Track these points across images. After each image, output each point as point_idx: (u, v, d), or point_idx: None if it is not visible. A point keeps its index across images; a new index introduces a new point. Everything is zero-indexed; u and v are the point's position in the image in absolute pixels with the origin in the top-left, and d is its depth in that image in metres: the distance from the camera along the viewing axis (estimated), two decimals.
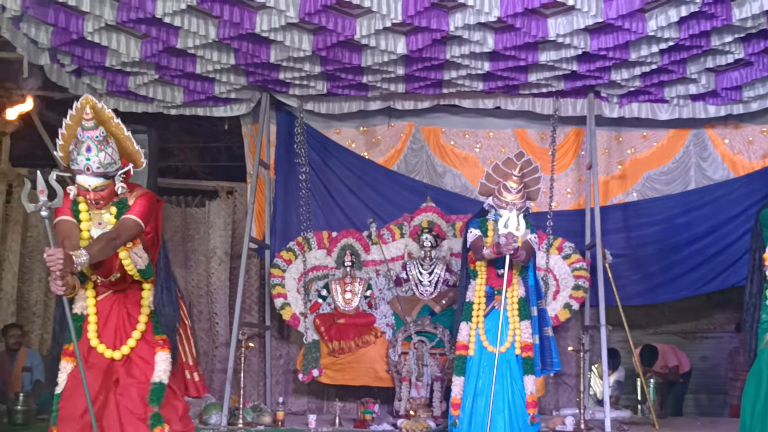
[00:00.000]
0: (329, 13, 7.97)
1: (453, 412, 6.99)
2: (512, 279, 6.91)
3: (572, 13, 7.95)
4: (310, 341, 9.58)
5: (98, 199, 4.87)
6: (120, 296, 5.10)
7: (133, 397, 4.96)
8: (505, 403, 6.64)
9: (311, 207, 10.29)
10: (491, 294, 6.97)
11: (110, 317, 5.05)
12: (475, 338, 6.91)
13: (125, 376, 4.99)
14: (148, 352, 5.06)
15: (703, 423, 9.61)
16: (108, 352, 4.96)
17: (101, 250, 4.60)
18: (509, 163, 6.91)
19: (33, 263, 11.03)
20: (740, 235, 10.04)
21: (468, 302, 7.06)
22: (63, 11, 8.13)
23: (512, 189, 6.81)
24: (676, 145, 10.36)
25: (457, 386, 7.02)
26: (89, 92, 9.70)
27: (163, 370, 5.05)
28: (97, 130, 4.83)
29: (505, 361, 6.76)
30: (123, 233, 4.78)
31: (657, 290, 10.24)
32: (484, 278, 6.99)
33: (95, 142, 4.81)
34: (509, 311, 6.87)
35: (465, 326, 7.00)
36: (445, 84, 9.63)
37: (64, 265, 4.35)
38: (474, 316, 6.97)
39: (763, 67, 9.04)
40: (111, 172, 4.88)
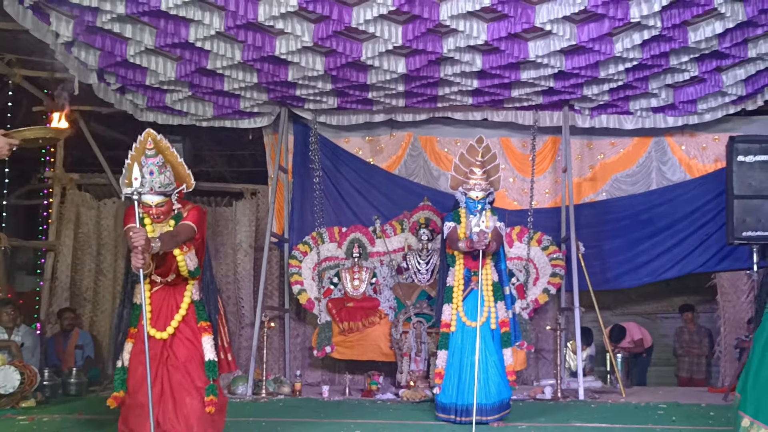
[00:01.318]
0: (339, 38, 7.97)
1: (436, 381, 6.98)
2: (486, 263, 6.90)
3: (549, 37, 7.94)
4: (324, 322, 9.58)
5: (159, 214, 5.10)
6: (170, 289, 5.25)
7: (189, 371, 5.13)
8: (481, 371, 6.62)
9: (324, 206, 10.27)
10: (468, 276, 6.94)
11: (162, 306, 5.20)
12: (456, 316, 6.90)
13: (174, 354, 5.15)
14: (192, 335, 5.20)
15: (664, 391, 9.58)
16: (158, 334, 5.10)
17: (167, 242, 4.83)
18: (472, 150, 6.98)
19: (84, 255, 11.00)
20: (696, 228, 10.03)
21: (449, 287, 7.03)
22: (109, 37, 8.13)
23: (477, 173, 6.85)
24: (639, 151, 10.33)
25: (441, 359, 7.00)
26: (131, 108, 9.71)
27: (210, 350, 5.22)
28: (157, 157, 5.12)
29: (481, 335, 6.74)
30: (182, 232, 5.03)
31: (623, 277, 10.22)
32: (461, 263, 6.96)
33: (156, 167, 5.08)
34: (485, 291, 6.86)
35: (447, 307, 6.98)
36: (439, 99, 9.61)
37: (146, 243, 4.58)
38: (454, 298, 6.95)
39: (714, 83, 9.01)
40: (169, 192, 5.12)
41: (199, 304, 5.28)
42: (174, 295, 5.26)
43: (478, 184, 6.83)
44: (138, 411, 4.95)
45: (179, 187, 5.22)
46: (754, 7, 7.38)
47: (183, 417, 5.02)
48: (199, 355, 5.19)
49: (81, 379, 8.96)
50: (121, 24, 7.83)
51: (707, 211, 10.01)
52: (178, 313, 5.20)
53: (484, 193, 6.84)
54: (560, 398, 8.51)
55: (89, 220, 11.07)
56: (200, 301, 5.29)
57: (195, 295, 5.29)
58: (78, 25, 7.88)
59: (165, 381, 5.09)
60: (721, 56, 8.41)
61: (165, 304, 5.23)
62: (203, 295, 5.34)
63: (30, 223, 12.18)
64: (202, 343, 5.22)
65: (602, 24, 7.62)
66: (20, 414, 7.19)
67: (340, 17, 7.44)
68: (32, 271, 12.22)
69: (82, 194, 11.18)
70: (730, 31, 7.84)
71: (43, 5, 7.61)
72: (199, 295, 5.31)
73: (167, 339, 5.15)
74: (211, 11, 7.52)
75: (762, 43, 8.20)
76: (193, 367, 5.17)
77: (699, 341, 11.12)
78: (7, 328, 8.80)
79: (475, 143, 7.01)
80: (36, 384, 7.92)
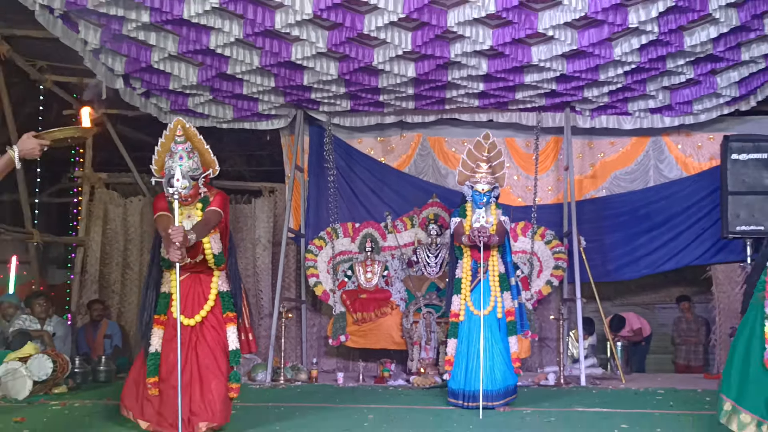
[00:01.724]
0: (352, 44, 7.98)
1: (446, 368, 7.03)
2: (489, 256, 6.89)
3: (552, 42, 7.94)
4: (338, 312, 9.60)
5: (187, 197, 5.19)
6: (197, 278, 5.34)
7: (216, 357, 5.24)
8: (487, 359, 6.64)
9: (338, 203, 10.29)
10: (475, 268, 6.93)
11: (189, 294, 5.28)
12: (464, 306, 6.91)
13: (204, 340, 5.25)
14: (217, 324, 5.31)
15: (662, 378, 9.57)
16: (186, 321, 5.19)
17: (201, 231, 5.00)
18: (479, 146, 6.96)
19: (112, 250, 11.05)
20: (692, 223, 10.01)
21: (457, 278, 7.01)
22: (134, 44, 8.17)
23: (483, 167, 6.84)
24: (637, 150, 10.32)
25: (450, 347, 7.02)
26: (156, 111, 9.76)
27: (233, 340, 5.33)
28: (186, 143, 5.25)
29: (487, 324, 6.77)
30: (211, 219, 5.17)
31: (623, 269, 10.21)
32: (469, 255, 6.94)
33: (185, 153, 5.22)
34: (491, 282, 6.87)
35: (456, 298, 6.97)
36: (447, 101, 9.62)
37: (183, 239, 4.74)
38: (463, 289, 6.94)
39: (709, 85, 8.99)
40: (196, 176, 5.23)
41: (226, 296, 5.37)
42: (201, 284, 5.35)
43: (484, 177, 6.82)
44: (169, 394, 5.05)
45: (206, 172, 5.33)
46: (747, 13, 7.36)
47: (209, 401, 5.12)
48: (223, 343, 5.29)
49: (110, 367, 9.01)
50: (146, 32, 7.87)
51: (703, 206, 9.99)
52: (207, 303, 5.30)
53: (489, 186, 6.82)
54: (563, 384, 8.52)
55: (116, 217, 11.13)
56: (227, 292, 5.38)
57: (222, 287, 5.38)
58: (105, 33, 7.92)
59: (194, 365, 5.20)
60: (715, 59, 8.39)
61: (192, 292, 5.31)
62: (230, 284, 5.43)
63: (61, 220, 12.26)
64: (227, 332, 5.32)
65: (602, 29, 7.61)
66: (53, 399, 7.24)
67: (353, 24, 7.46)
68: (63, 265, 12.31)
69: (110, 192, 11.24)
70: (724, 36, 7.82)
71: (73, 15, 7.66)
72: (226, 286, 5.40)
73: (195, 326, 5.25)
74: (231, 19, 7.54)
75: (754, 47, 8.18)
76: (219, 353, 5.26)
77: (696, 330, 11.10)
78: (40, 318, 8.86)
79: (482, 139, 7.01)
80: (67, 371, 7.96)
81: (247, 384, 8.47)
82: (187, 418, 5.05)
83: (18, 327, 8.59)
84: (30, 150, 4.13)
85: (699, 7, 7.17)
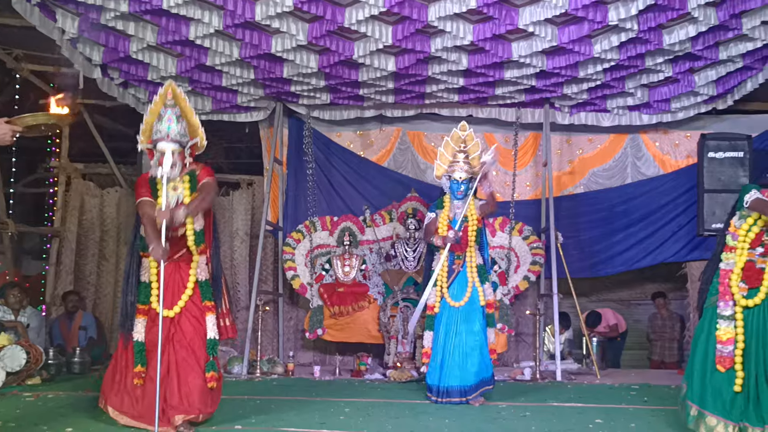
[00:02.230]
0: (332, 37, 7.96)
1: (424, 360, 7.02)
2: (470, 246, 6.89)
3: (532, 39, 7.96)
4: (315, 306, 9.60)
5: (173, 163, 5.11)
6: (176, 266, 5.29)
7: (194, 349, 5.21)
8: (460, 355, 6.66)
9: (316, 196, 10.26)
10: (452, 260, 6.91)
11: (168, 284, 5.21)
12: (441, 300, 6.89)
13: (181, 331, 5.21)
14: (198, 313, 5.27)
15: (637, 374, 9.65)
16: (165, 312, 5.12)
17: (196, 207, 5.03)
18: (456, 137, 7.02)
19: (87, 241, 10.98)
20: (669, 220, 10.07)
21: (433, 271, 6.93)
22: (112, 34, 8.12)
23: (460, 158, 6.88)
24: (615, 147, 10.36)
25: (426, 339, 7.01)
26: (133, 102, 9.68)
27: (212, 328, 5.28)
28: (176, 107, 5.22)
29: (464, 315, 6.77)
30: (208, 191, 5.19)
31: (599, 265, 10.26)
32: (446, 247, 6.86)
33: (174, 116, 5.19)
34: (468, 273, 6.87)
35: (433, 290, 6.93)
36: (427, 96, 9.62)
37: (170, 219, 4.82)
38: (439, 281, 6.90)
39: (687, 83, 9.05)
40: (183, 142, 5.21)
41: (204, 285, 5.32)
42: (180, 272, 5.29)
43: (461, 166, 6.85)
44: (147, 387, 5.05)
45: (192, 141, 5.31)
46: (725, 12, 7.42)
47: (185, 394, 5.09)
48: (203, 333, 5.26)
49: (84, 359, 8.96)
50: (125, 21, 7.81)
51: (679, 204, 10.06)
52: (185, 293, 5.25)
53: (467, 174, 6.82)
54: (539, 379, 8.57)
55: (93, 208, 11.05)
56: (206, 281, 5.33)
57: (200, 275, 5.33)
58: (83, 22, 7.85)
59: (171, 357, 5.15)
60: (693, 58, 8.45)
61: (171, 281, 5.25)
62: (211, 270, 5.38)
63: (36, 210, 12.16)
64: (207, 322, 5.28)
65: (582, 26, 7.64)
66: (26, 391, 7.19)
67: (334, 17, 7.45)
68: (38, 255, 12.20)
69: (86, 183, 11.15)
70: (703, 35, 7.87)
71: (50, 3, 7.59)
72: (205, 274, 5.34)
73: (174, 317, 5.21)
74: (211, 10, 7.51)
75: (732, 46, 8.24)
76: (197, 345, 5.23)
77: (671, 326, 11.19)
78: (13, 309, 8.81)
79: (459, 130, 7.02)
80: (41, 363, 7.92)
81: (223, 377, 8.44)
82: (164, 410, 5.03)
83: None
84: (1, 136, 4.08)
85: (678, 6, 7.22)
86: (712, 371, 4.84)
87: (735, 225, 4.98)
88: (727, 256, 4.96)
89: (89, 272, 10.94)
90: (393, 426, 5.57)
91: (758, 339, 4.81)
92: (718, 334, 4.82)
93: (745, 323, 4.83)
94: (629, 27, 7.55)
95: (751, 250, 4.92)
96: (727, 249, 4.97)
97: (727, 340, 4.79)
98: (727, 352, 4.78)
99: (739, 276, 4.87)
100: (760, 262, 4.92)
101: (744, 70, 8.75)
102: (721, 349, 4.79)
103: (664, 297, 11.31)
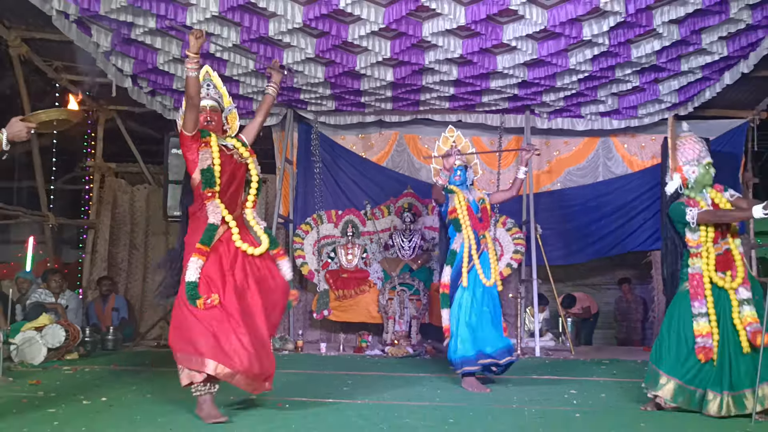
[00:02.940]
0: (337, 50, 7.94)
1: (446, 335, 6.20)
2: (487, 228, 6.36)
3: (515, 52, 7.94)
4: (322, 290, 9.59)
5: (211, 119, 4.91)
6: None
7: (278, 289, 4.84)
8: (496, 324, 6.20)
9: (323, 192, 10.26)
10: (477, 238, 6.24)
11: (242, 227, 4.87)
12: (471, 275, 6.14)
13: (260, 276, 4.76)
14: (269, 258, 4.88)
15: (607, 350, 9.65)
16: (250, 249, 4.72)
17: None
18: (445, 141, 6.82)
19: (119, 232, 10.99)
20: (635, 214, 10.06)
21: (452, 250, 6.23)
22: (142, 48, 8.09)
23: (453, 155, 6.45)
24: (588, 149, 10.35)
25: (445, 317, 6.17)
26: (160, 108, 9.65)
27: (288, 272, 4.94)
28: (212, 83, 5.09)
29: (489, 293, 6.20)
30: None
31: (574, 254, 10.25)
32: (468, 225, 6.20)
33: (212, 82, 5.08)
34: (490, 255, 6.32)
35: (447, 269, 6.20)
36: (421, 103, 9.60)
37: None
38: (473, 258, 6.16)
39: (652, 92, 9.03)
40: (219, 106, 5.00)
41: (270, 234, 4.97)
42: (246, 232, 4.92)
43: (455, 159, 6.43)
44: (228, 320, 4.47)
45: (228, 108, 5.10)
46: (686, 28, 7.40)
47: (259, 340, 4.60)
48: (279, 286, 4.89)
49: (117, 337, 8.97)
50: (152, 36, 7.78)
51: (644, 199, 10.05)
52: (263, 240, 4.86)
53: (461, 162, 6.41)
54: (520, 355, 8.57)
55: (124, 203, 11.07)
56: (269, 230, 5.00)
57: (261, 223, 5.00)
58: (115, 37, 7.83)
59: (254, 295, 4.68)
60: (658, 69, 8.43)
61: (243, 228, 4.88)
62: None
63: (74, 205, 12.14)
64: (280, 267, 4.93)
65: (559, 41, 7.62)
66: (65, 365, 7.21)
67: (338, 33, 7.42)
68: (75, 245, 12.24)
69: (118, 180, 11.15)
70: (666, 49, 7.85)
71: (86, 20, 7.56)
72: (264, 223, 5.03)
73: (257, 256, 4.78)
74: (229, 27, 7.48)
75: (693, 59, 8.21)
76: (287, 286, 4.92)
77: (635, 308, 11.20)
78: (54, 293, 8.81)
79: (447, 134, 6.81)
80: (79, 340, 7.92)
81: None
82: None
83: (34, 300, 8.55)
84: (17, 132, 3.98)
85: (645, 23, 7.19)
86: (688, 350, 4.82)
87: (692, 239, 4.92)
88: (693, 262, 4.92)
89: (121, 260, 10.95)
90: (390, 395, 5.57)
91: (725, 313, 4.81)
92: (698, 329, 4.78)
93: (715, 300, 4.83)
94: (601, 42, 7.53)
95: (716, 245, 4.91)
96: (692, 255, 4.94)
97: (707, 334, 4.77)
98: (708, 344, 4.76)
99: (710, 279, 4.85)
100: (723, 245, 4.92)
101: (703, 80, 8.73)
102: (701, 342, 4.77)
103: (629, 282, 11.31)
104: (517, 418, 4.68)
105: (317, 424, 4.40)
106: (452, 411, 4.88)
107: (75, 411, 4.75)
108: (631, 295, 11.27)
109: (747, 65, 8.02)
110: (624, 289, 11.31)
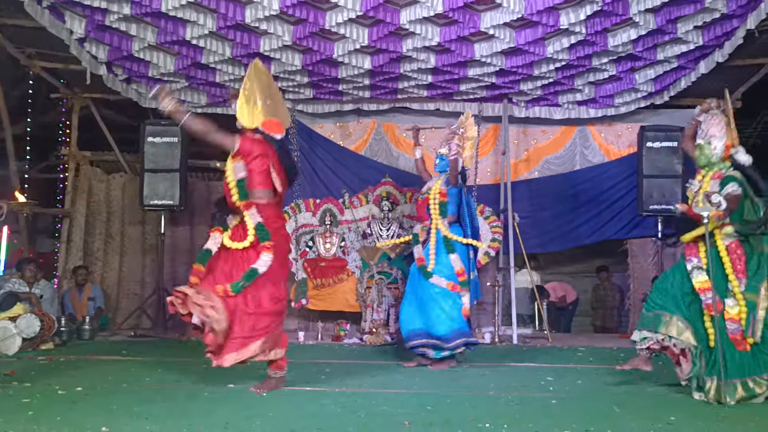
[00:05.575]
0: (314, 38, 7.91)
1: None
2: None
3: (492, 40, 7.95)
4: (300, 279, 9.57)
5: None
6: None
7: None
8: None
9: (301, 181, 10.19)
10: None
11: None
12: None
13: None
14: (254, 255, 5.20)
15: (583, 337, 9.73)
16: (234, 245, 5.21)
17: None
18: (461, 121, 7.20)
19: (95, 221, 10.86)
20: (612, 203, 10.12)
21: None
22: (116, 34, 8.02)
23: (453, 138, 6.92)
24: (566, 138, 10.38)
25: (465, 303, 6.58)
26: (136, 96, 9.56)
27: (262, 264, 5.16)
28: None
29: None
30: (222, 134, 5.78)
31: (551, 242, 10.29)
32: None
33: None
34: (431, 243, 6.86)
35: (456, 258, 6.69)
36: (399, 91, 9.59)
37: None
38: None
39: (629, 81, 9.10)
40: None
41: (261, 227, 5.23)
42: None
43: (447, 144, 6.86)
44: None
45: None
46: (662, 18, 7.46)
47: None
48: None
49: (92, 326, 8.90)
50: (127, 23, 7.72)
51: (621, 188, 10.12)
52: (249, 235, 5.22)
53: (445, 151, 6.85)
54: (498, 342, 8.62)
55: (100, 192, 10.94)
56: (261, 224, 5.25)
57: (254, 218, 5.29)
58: (89, 23, 7.75)
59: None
60: (634, 58, 8.49)
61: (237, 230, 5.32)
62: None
63: (49, 194, 12.02)
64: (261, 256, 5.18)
65: (536, 30, 7.65)
66: (40, 355, 7.15)
67: (316, 20, 7.40)
68: (51, 234, 12.11)
69: (94, 169, 11.03)
70: (643, 38, 7.91)
71: (59, 5, 7.48)
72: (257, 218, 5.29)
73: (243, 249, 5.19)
74: (205, 13, 7.43)
75: (668, 48, 8.29)
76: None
77: (612, 296, 11.30)
78: (29, 282, 8.73)
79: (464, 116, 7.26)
80: (54, 330, 7.86)
81: None
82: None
83: (8, 290, 8.46)
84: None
85: (621, 12, 7.24)
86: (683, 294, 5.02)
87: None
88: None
89: (97, 249, 10.84)
90: (369, 383, 5.59)
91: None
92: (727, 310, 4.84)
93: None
94: (578, 30, 7.57)
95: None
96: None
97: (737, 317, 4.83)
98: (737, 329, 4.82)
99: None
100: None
101: (678, 69, 8.81)
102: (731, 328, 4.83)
103: (607, 270, 11.40)
104: (494, 405, 4.72)
105: (294, 412, 4.41)
106: (430, 398, 4.91)
107: (50, 401, 4.72)
108: (608, 282, 11.37)
109: (722, 54, 8.11)
110: (602, 277, 11.41)
